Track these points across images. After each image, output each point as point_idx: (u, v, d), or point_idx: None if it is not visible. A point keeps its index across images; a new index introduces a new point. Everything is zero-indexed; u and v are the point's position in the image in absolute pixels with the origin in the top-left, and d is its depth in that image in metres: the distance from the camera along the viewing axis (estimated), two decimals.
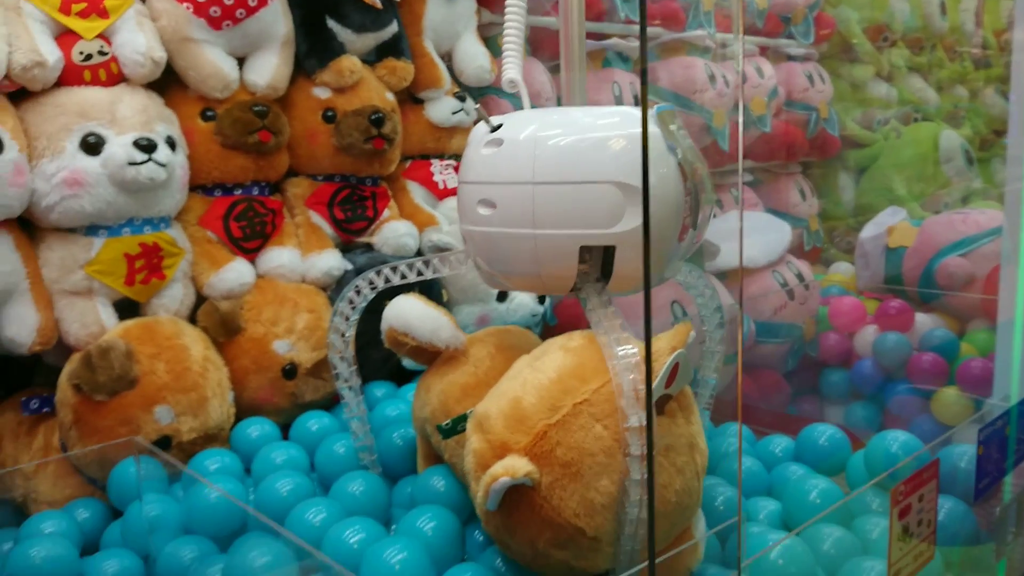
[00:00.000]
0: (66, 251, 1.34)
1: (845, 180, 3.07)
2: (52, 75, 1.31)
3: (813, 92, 2.80)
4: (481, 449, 0.86)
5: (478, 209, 0.95)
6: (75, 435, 1.30)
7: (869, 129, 3.02)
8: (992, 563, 1.15)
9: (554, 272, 0.93)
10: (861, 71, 3.03)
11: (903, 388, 1.87)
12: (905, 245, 2.19)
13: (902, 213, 2.31)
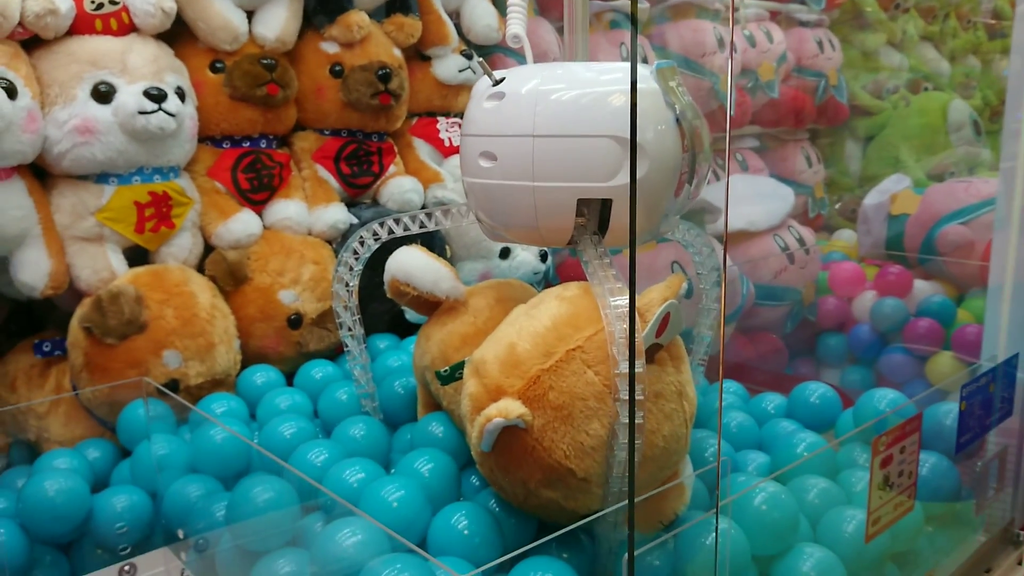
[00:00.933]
0: (77, 198, 1.37)
1: (852, 148, 3.06)
2: (64, 23, 1.33)
3: (823, 59, 2.79)
4: (477, 393, 0.89)
5: (479, 161, 0.97)
6: (86, 377, 1.34)
7: (878, 97, 3.01)
8: (973, 518, 1.18)
9: (552, 224, 0.95)
10: (872, 38, 3.00)
11: (898, 352, 1.90)
12: (908, 212, 2.20)
13: (906, 181, 2.32)
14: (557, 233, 0.96)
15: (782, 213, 2.05)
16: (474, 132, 0.98)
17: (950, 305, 1.94)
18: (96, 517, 1.15)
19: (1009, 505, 1.21)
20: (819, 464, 1.12)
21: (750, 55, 2.54)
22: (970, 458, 1.15)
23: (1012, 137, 1.16)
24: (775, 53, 2.61)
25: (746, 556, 0.92)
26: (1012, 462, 1.18)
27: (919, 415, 0.99)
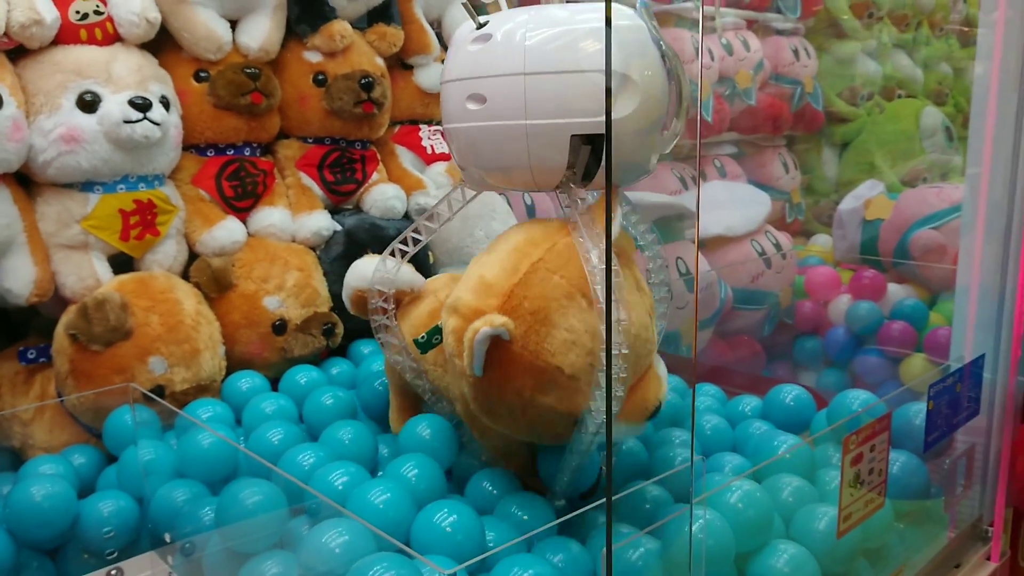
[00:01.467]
0: (62, 206, 1.38)
1: (828, 154, 3.12)
2: (49, 33, 1.34)
3: (799, 66, 2.84)
4: (457, 325, 0.93)
5: (467, 105, 0.96)
6: (71, 384, 1.35)
7: (853, 104, 3.06)
8: (943, 515, 1.22)
9: (545, 164, 0.95)
10: (847, 47, 3.06)
11: (873, 354, 1.94)
12: (881, 217, 2.25)
13: (880, 187, 2.37)
14: (549, 174, 0.97)
15: (759, 218, 2.09)
16: (459, 76, 0.98)
17: (922, 308, 1.99)
18: (83, 522, 1.16)
19: (978, 502, 1.25)
20: (794, 464, 1.15)
21: (727, 63, 2.58)
22: (939, 456, 1.19)
23: (978, 143, 1.20)
24: (752, 61, 2.66)
25: (729, 549, 0.94)
26: (979, 460, 1.22)
27: (888, 414, 1.02)
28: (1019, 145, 1.14)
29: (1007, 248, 1.17)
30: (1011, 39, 1.13)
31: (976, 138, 1.20)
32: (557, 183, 0.98)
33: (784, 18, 2.87)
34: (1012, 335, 1.18)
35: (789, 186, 2.93)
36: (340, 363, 1.58)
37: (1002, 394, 1.20)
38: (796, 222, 2.98)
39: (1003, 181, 1.16)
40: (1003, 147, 1.15)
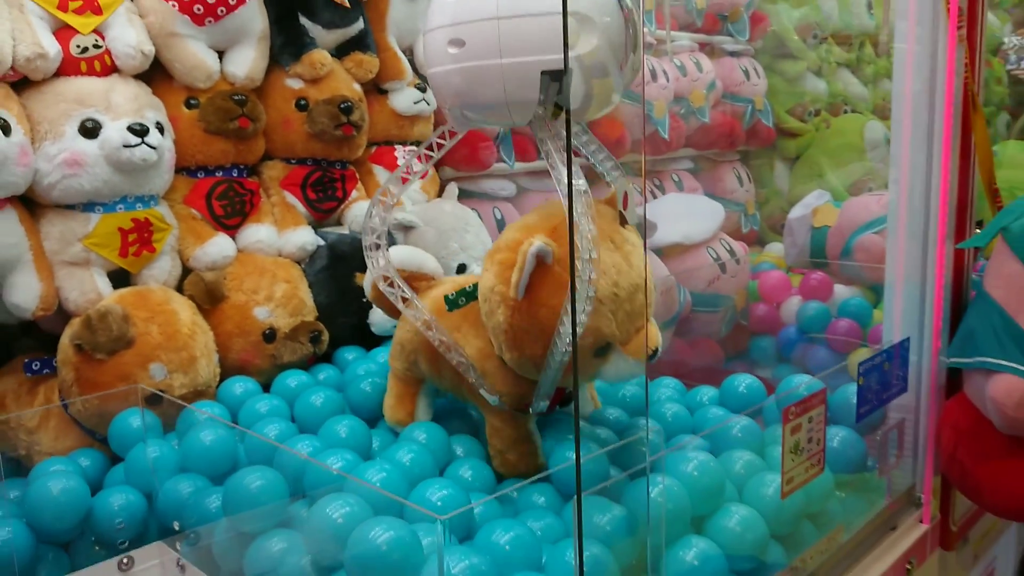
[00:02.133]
0: (65, 226, 1.47)
1: (780, 167, 3.29)
2: (52, 66, 1.45)
3: (749, 86, 3.01)
4: (504, 257, 1.11)
5: (448, 49, 1.09)
6: (76, 391, 1.44)
7: (801, 120, 3.24)
8: (880, 483, 1.35)
9: (519, 99, 1.08)
10: (794, 66, 3.24)
11: (822, 349, 2.09)
12: (828, 224, 2.40)
13: (826, 196, 2.53)
14: (523, 108, 1.09)
15: (714, 227, 2.24)
16: (440, 24, 1.11)
17: (866, 306, 2.14)
18: (95, 515, 1.25)
19: (910, 471, 1.38)
20: (746, 440, 1.28)
21: (682, 84, 2.74)
22: (874, 430, 1.33)
23: (897, 153, 1.35)
24: (705, 81, 2.82)
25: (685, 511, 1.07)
26: (910, 433, 1.36)
27: (823, 389, 1.15)
28: (932, 155, 1.29)
29: (926, 244, 1.32)
30: (921, 63, 1.28)
31: (896, 148, 1.35)
32: (529, 117, 1.11)
33: (734, 40, 3.05)
34: (933, 321, 1.33)
35: (744, 198, 3.10)
36: (327, 368, 1.68)
37: (927, 373, 1.35)
38: (752, 231, 3.14)
39: (920, 187, 1.31)
40: (919, 156, 1.30)
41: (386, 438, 1.38)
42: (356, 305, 1.76)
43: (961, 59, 1.28)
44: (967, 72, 1.29)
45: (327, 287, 1.75)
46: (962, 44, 1.28)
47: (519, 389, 1.20)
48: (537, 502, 1.14)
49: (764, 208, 3.25)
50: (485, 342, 1.21)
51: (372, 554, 0.92)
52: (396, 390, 1.39)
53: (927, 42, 1.29)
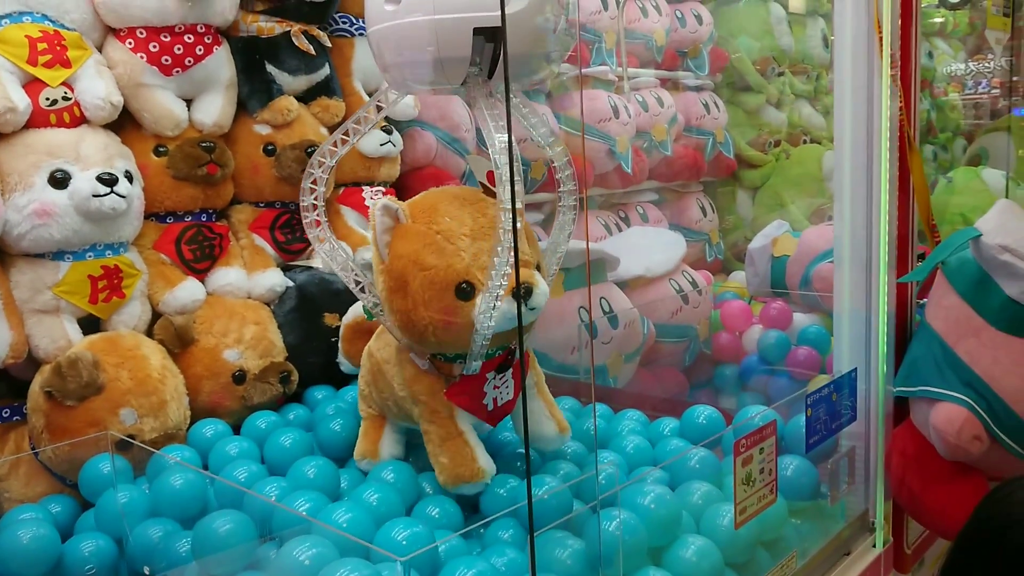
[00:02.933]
0: (35, 274, 1.50)
1: (742, 197, 3.38)
2: (22, 119, 1.48)
3: (709, 119, 3.10)
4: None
5: (385, 7, 1.14)
6: (47, 438, 1.46)
7: (762, 151, 3.33)
8: (834, 510, 1.40)
9: (451, 57, 1.12)
10: (753, 99, 3.34)
11: (783, 377, 2.14)
12: (788, 254, 2.47)
13: (785, 226, 2.60)
14: (455, 67, 1.13)
15: (676, 259, 2.30)
16: None
17: (824, 334, 2.20)
18: (66, 562, 1.26)
19: (863, 497, 1.43)
20: (703, 471, 1.32)
21: (644, 118, 2.82)
22: (826, 458, 1.38)
23: (840, 187, 1.42)
24: (666, 116, 2.90)
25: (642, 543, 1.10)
26: (861, 460, 1.41)
27: (773, 422, 1.20)
28: (871, 191, 1.36)
29: (869, 276, 1.38)
30: (857, 104, 1.35)
31: (839, 183, 1.42)
32: (463, 78, 1.15)
33: (694, 76, 3.14)
34: (879, 351, 1.39)
35: (708, 228, 3.17)
36: (297, 408, 1.71)
37: (875, 402, 1.40)
38: (716, 260, 3.21)
39: (862, 221, 1.38)
40: (859, 192, 1.37)
41: (355, 477, 1.41)
42: (325, 344, 1.79)
43: (896, 102, 1.35)
44: (902, 114, 1.36)
45: (296, 327, 1.78)
46: (896, 87, 1.35)
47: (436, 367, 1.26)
48: (502, 537, 1.18)
49: (728, 237, 3.33)
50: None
51: None
52: (363, 427, 1.43)
53: (863, 85, 1.36)
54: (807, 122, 3.56)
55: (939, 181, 3.27)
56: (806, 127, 3.53)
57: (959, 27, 4.31)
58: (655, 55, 2.94)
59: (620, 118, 2.62)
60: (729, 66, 3.29)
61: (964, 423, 1.23)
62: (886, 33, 1.32)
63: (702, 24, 3.07)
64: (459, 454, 1.24)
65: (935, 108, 4.17)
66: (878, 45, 1.34)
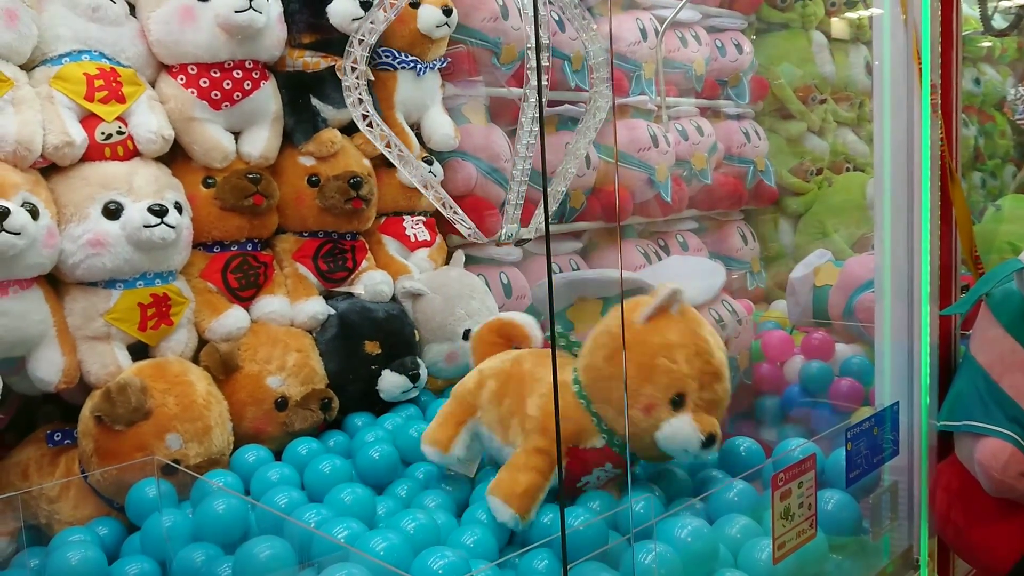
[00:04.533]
0: (88, 302, 1.55)
1: (784, 226, 3.35)
2: (79, 152, 1.54)
3: (750, 147, 3.09)
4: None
5: None
6: (96, 461, 1.50)
7: (803, 179, 3.30)
8: (875, 546, 1.38)
9: None
10: (794, 127, 3.32)
11: (825, 409, 2.11)
12: (830, 283, 2.44)
13: (828, 255, 2.57)
14: None
15: (715, 288, 2.28)
16: None
17: (868, 365, 2.17)
18: None
19: (907, 533, 1.41)
20: (742, 504, 1.31)
21: (683, 147, 2.82)
22: (868, 493, 1.36)
23: (880, 216, 1.41)
24: (706, 144, 2.90)
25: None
26: (904, 495, 1.39)
27: (813, 455, 1.19)
28: (912, 222, 1.35)
29: (911, 307, 1.37)
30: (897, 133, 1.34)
31: (879, 214, 1.41)
32: None
33: (735, 104, 3.13)
34: (921, 384, 1.37)
35: (748, 256, 3.15)
36: (337, 435, 1.73)
37: (918, 436, 1.38)
38: (758, 289, 3.19)
39: (903, 253, 1.36)
40: (899, 223, 1.36)
41: (394, 504, 1.42)
42: (366, 372, 1.81)
43: (936, 132, 1.34)
44: (943, 145, 1.35)
45: (338, 355, 1.81)
46: (936, 117, 1.35)
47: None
48: (537, 567, 1.18)
49: (770, 266, 3.30)
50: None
51: None
52: (444, 412, 1.45)
53: (903, 113, 1.35)
54: (850, 150, 3.52)
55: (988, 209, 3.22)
56: (849, 155, 3.49)
57: (1007, 52, 4.25)
58: (695, 84, 2.94)
59: (659, 147, 2.63)
60: (770, 94, 3.28)
61: (1010, 458, 1.20)
62: (925, 60, 1.32)
63: (742, 53, 3.07)
64: (529, 490, 1.25)
65: (983, 134, 4.11)
66: (917, 74, 1.33)
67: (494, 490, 1.26)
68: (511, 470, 1.28)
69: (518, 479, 1.25)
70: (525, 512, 1.23)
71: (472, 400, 1.43)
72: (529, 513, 1.24)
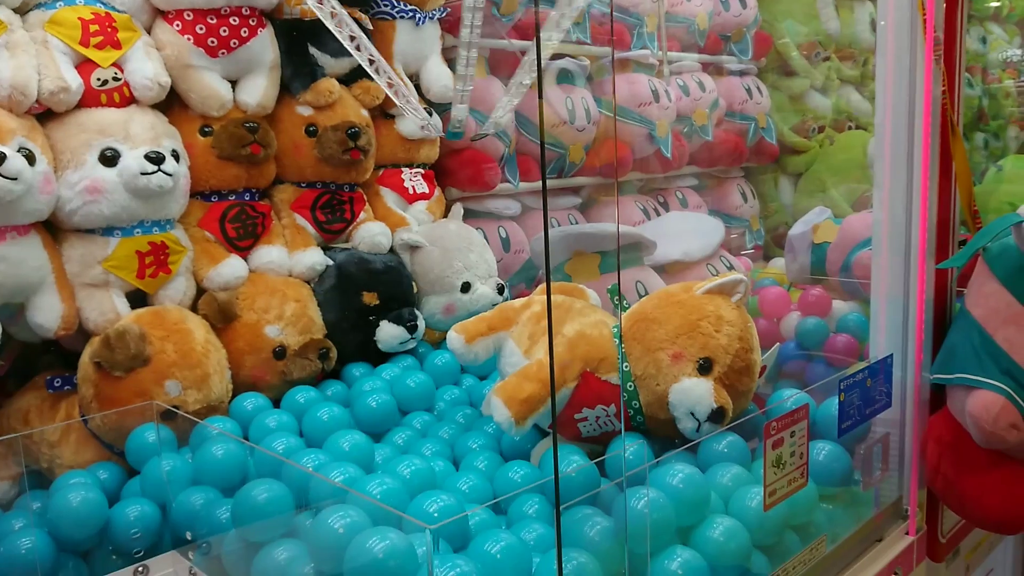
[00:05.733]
0: (86, 249, 1.55)
1: (784, 183, 3.34)
2: (74, 98, 1.53)
3: (752, 104, 3.07)
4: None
5: None
6: (96, 407, 1.51)
7: (805, 137, 3.28)
8: (865, 495, 1.39)
9: None
10: (797, 84, 3.29)
11: (821, 365, 2.12)
12: (828, 241, 2.44)
13: (827, 212, 2.57)
14: None
15: (714, 245, 2.29)
16: None
17: (864, 321, 2.17)
18: (112, 526, 1.32)
19: (897, 484, 1.42)
20: (733, 455, 1.32)
21: (685, 103, 2.80)
22: (859, 444, 1.37)
23: (880, 170, 1.40)
24: (707, 100, 2.88)
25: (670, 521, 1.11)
26: (895, 447, 1.40)
27: (806, 405, 1.20)
28: (912, 177, 1.34)
29: (908, 263, 1.37)
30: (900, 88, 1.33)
31: (879, 169, 1.40)
32: None
33: (737, 60, 3.10)
34: (916, 337, 1.37)
35: (748, 214, 3.14)
36: (335, 384, 1.75)
37: (910, 388, 1.39)
38: (756, 247, 3.19)
39: (902, 207, 1.36)
40: (899, 178, 1.35)
41: (391, 451, 1.44)
42: (364, 323, 1.82)
43: (939, 85, 1.33)
44: (945, 98, 1.34)
45: (336, 306, 1.82)
46: (939, 70, 1.33)
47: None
48: (528, 512, 1.20)
49: (769, 223, 3.30)
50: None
51: (370, 562, 0.97)
52: (483, 315, 1.50)
53: (905, 67, 1.34)
54: (853, 108, 3.49)
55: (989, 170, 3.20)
56: (851, 113, 3.47)
57: (1015, 11, 4.19)
58: (697, 39, 2.91)
59: (660, 102, 2.61)
60: (773, 51, 3.25)
61: (1001, 411, 1.21)
62: (930, 15, 1.30)
63: (746, 8, 3.04)
64: (531, 399, 1.27)
65: (987, 95, 4.07)
66: (922, 27, 1.32)
67: (498, 391, 1.29)
68: (520, 376, 1.31)
69: (523, 386, 1.28)
70: (521, 419, 1.26)
71: (512, 315, 1.48)
72: (525, 421, 1.27)
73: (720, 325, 1.30)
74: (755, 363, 1.34)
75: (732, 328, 1.30)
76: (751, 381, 1.33)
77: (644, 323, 1.33)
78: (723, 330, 1.30)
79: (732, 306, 1.33)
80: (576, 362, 1.32)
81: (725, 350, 1.28)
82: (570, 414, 1.33)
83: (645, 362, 1.30)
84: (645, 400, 1.30)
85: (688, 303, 1.32)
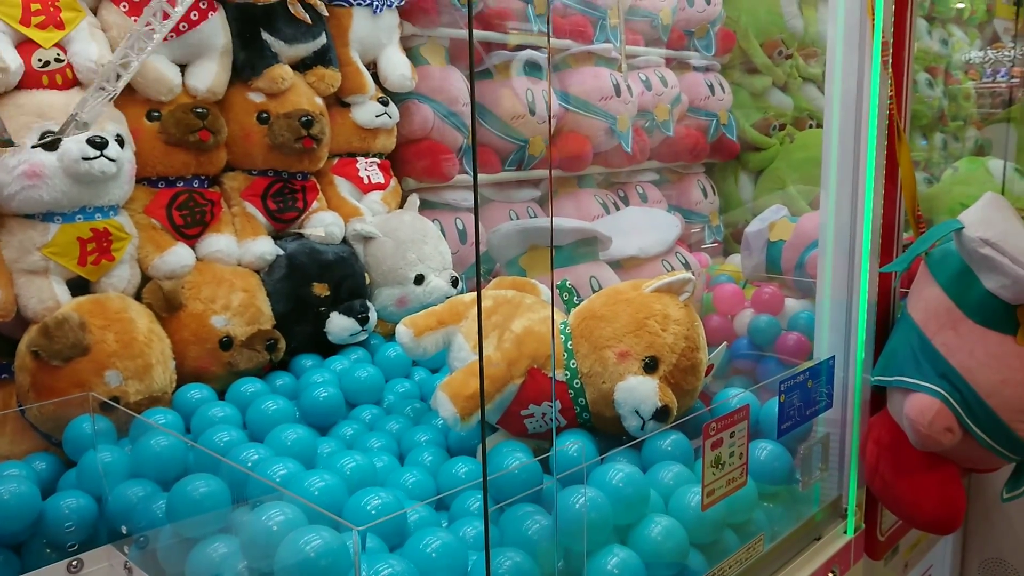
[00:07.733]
0: (25, 235, 1.51)
1: (744, 180, 3.36)
2: (14, 79, 1.48)
3: (714, 100, 3.08)
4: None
5: None
6: (32, 397, 1.48)
7: (766, 134, 3.30)
8: (807, 495, 1.41)
9: None
10: (759, 81, 3.31)
11: (772, 362, 2.14)
12: (784, 239, 2.46)
13: (784, 210, 2.58)
14: None
15: (670, 240, 2.29)
16: None
17: None
18: (46, 518, 1.29)
19: (836, 484, 1.44)
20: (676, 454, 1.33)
21: (647, 98, 2.80)
22: (800, 443, 1.38)
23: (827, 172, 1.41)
24: (669, 96, 2.88)
25: (607, 520, 1.11)
26: (836, 447, 1.42)
27: (746, 406, 1.21)
28: (857, 179, 1.35)
29: (852, 264, 1.38)
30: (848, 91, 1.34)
31: (826, 171, 1.41)
32: None
33: (700, 56, 3.11)
34: (857, 339, 1.39)
35: (708, 210, 3.16)
36: (283, 376, 1.73)
37: (852, 390, 1.41)
38: (716, 243, 3.21)
39: (847, 207, 1.37)
40: (845, 180, 1.36)
41: (336, 445, 1.43)
42: (313, 314, 1.80)
43: (886, 89, 1.34)
44: (892, 102, 1.35)
45: (285, 296, 1.80)
46: (887, 74, 1.34)
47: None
48: (470, 509, 1.19)
49: (728, 220, 3.32)
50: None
51: (302, 561, 0.96)
52: (433, 309, 1.50)
53: (854, 71, 1.35)
54: (814, 106, 3.52)
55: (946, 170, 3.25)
56: (812, 111, 3.49)
57: (976, 14, 4.25)
58: (661, 34, 2.91)
59: (622, 96, 2.61)
60: (736, 47, 3.26)
61: (936, 415, 1.23)
62: (878, 17, 1.31)
63: (710, 4, 3.04)
64: (476, 395, 1.27)
65: (948, 96, 4.13)
66: (870, 30, 1.33)
67: (444, 386, 1.30)
68: (467, 373, 1.32)
69: (469, 382, 1.29)
70: (467, 415, 1.27)
71: (463, 310, 1.49)
72: (470, 418, 1.27)
73: (667, 324, 1.30)
74: (701, 362, 1.34)
75: (679, 327, 1.30)
76: (696, 380, 1.34)
77: (592, 320, 1.33)
78: (670, 329, 1.30)
79: (680, 305, 1.33)
80: (523, 359, 1.32)
81: (671, 349, 1.29)
82: (516, 410, 1.32)
83: (592, 360, 1.30)
84: (591, 397, 1.31)
85: (636, 301, 1.33)
